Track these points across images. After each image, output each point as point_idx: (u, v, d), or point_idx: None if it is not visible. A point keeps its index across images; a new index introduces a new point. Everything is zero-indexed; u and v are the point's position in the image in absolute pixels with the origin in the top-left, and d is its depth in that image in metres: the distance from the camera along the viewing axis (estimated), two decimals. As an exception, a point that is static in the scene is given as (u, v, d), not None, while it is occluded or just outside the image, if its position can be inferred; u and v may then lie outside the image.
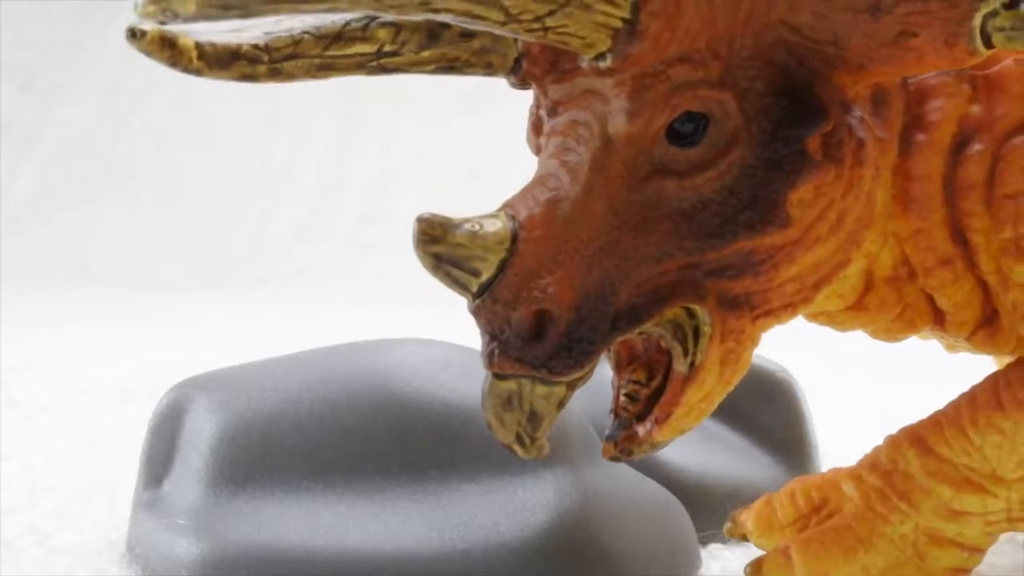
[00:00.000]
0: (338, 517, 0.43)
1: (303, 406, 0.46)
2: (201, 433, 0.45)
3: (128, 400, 0.83)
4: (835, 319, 0.40)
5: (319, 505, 0.44)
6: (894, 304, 0.39)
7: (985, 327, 0.39)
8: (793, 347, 0.54)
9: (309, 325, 1.24)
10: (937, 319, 0.39)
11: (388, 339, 0.50)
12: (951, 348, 0.42)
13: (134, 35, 0.32)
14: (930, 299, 0.39)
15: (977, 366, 0.50)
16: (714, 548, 0.50)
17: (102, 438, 0.73)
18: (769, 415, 0.53)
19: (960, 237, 0.37)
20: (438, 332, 0.54)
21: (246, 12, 0.29)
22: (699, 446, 0.52)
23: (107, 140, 1.97)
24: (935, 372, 0.54)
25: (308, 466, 0.45)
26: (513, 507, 0.44)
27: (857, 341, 0.46)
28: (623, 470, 0.49)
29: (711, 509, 0.50)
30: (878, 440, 0.41)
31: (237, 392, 0.46)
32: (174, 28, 0.30)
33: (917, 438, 0.39)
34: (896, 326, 0.40)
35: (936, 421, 0.39)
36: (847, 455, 0.57)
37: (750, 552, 0.50)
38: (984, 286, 0.38)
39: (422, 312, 1.33)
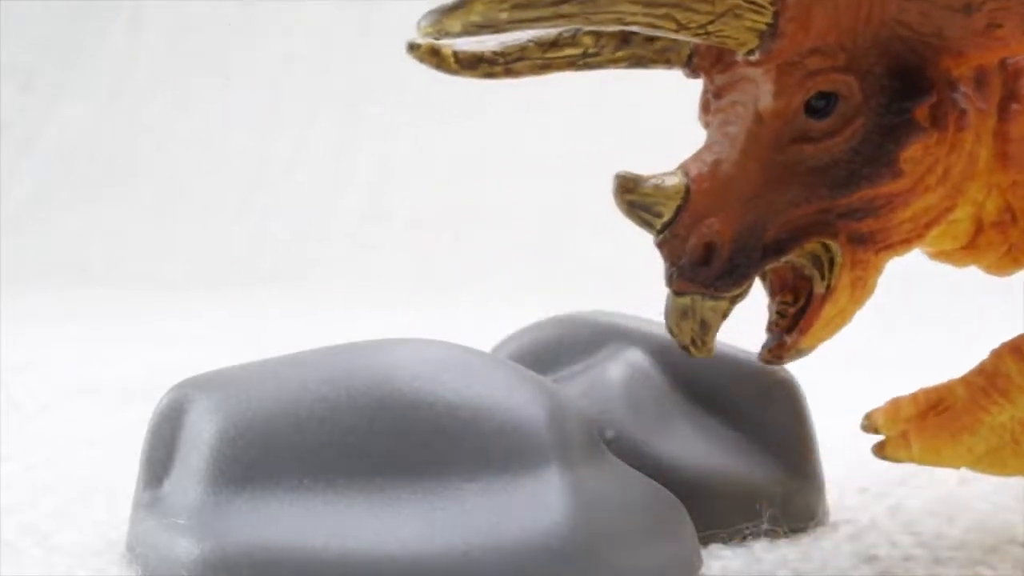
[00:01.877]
0: (338, 517, 0.43)
1: (303, 406, 0.46)
2: (201, 433, 0.45)
3: (128, 400, 0.83)
4: (952, 257, 0.49)
5: (319, 505, 0.44)
6: (1000, 244, 0.47)
7: None
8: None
9: (309, 325, 1.24)
10: None
11: (388, 339, 0.50)
12: None
13: (412, 48, 0.43)
14: None
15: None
16: (714, 548, 0.50)
17: (102, 438, 0.73)
18: (770, 415, 0.52)
19: None
20: (438, 332, 0.54)
21: (496, 30, 0.39)
22: (700, 446, 0.52)
23: (107, 140, 1.97)
24: (934, 372, 0.55)
25: (308, 466, 0.45)
26: (513, 507, 0.44)
27: (857, 342, 0.47)
28: (623, 470, 0.49)
29: (711, 509, 0.50)
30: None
31: (237, 392, 0.46)
32: (440, 42, 0.41)
33: (1015, 348, 0.47)
34: (1004, 262, 0.48)
35: None
36: (848, 455, 0.57)
37: (751, 552, 0.50)
38: None
39: (422, 312, 1.33)
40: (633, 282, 0.56)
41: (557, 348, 0.55)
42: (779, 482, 0.51)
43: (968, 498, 0.56)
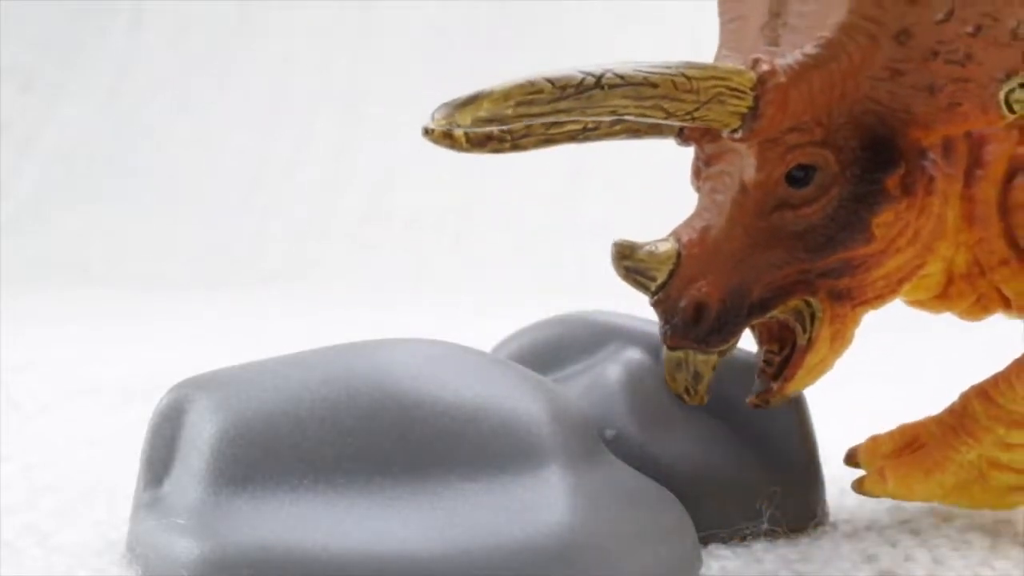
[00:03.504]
0: (338, 517, 0.43)
1: (303, 406, 0.46)
2: (201, 433, 0.45)
3: (128, 400, 0.83)
4: (927, 305, 0.53)
5: (319, 505, 0.44)
6: (970, 294, 0.51)
7: None
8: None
9: (309, 325, 1.24)
10: (1005, 304, 0.52)
11: (388, 339, 0.50)
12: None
13: (427, 132, 0.45)
14: (998, 290, 0.51)
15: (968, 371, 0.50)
16: (714, 548, 0.50)
17: (102, 438, 0.73)
18: (769, 415, 0.52)
19: (1014, 243, 0.50)
20: (438, 332, 0.54)
21: (501, 123, 0.43)
22: (700, 446, 0.52)
23: (107, 140, 1.97)
24: (931, 376, 0.55)
25: (308, 466, 0.45)
26: (513, 507, 0.44)
27: (855, 348, 0.48)
28: (624, 470, 0.49)
29: (711, 509, 0.50)
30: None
31: (237, 392, 0.46)
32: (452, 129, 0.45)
33: (982, 391, 0.51)
34: (974, 309, 0.52)
35: (995, 378, 0.51)
36: (844, 452, 0.57)
37: (751, 552, 0.50)
38: None
39: (422, 312, 1.33)
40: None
41: (557, 348, 0.55)
42: (779, 482, 0.51)
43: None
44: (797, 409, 0.53)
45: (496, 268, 1.61)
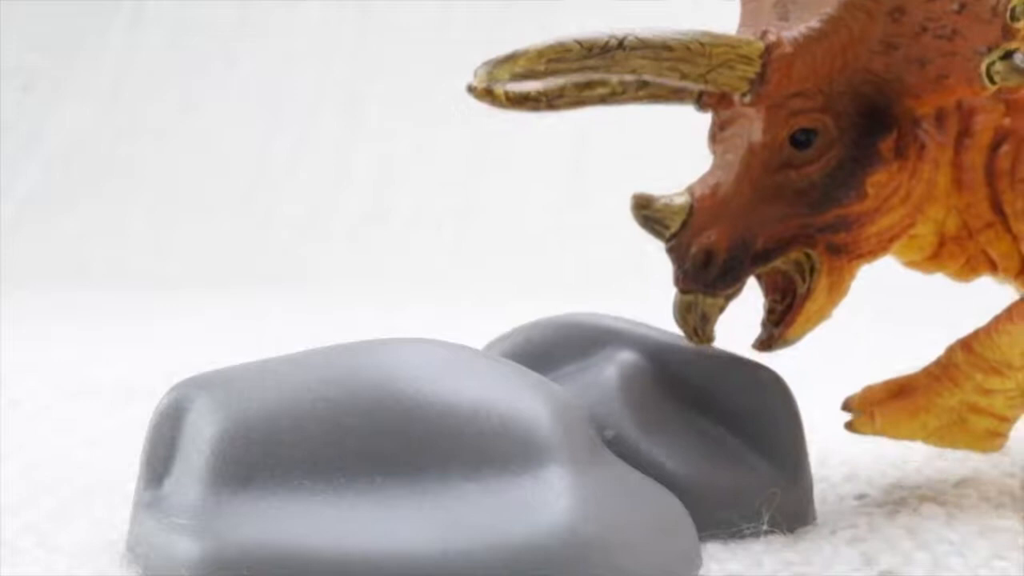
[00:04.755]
0: (339, 517, 0.43)
1: (303, 406, 0.46)
2: (202, 433, 0.45)
3: (128, 400, 0.83)
4: (920, 265, 0.57)
5: (320, 505, 0.44)
6: (960, 255, 0.56)
7: None
8: (792, 350, 0.55)
9: (309, 325, 1.24)
10: (992, 266, 0.56)
11: (388, 339, 0.50)
12: (1008, 285, 0.58)
13: (470, 89, 0.50)
14: (985, 252, 0.55)
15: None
16: (713, 549, 0.50)
17: (102, 438, 0.73)
18: (762, 417, 0.53)
19: (998, 208, 0.54)
20: (438, 332, 0.54)
21: (536, 78, 0.48)
22: (694, 448, 0.52)
23: (107, 140, 1.97)
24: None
25: (309, 466, 0.45)
26: (514, 507, 0.44)
27: (853, 345, 0.48)
28: (624, 470, 0.49)
29: (703, 512, 0.50)
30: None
31: (237, 392, 0.46)
32: (492, 85, 0.50)
33: (965, 343, 0.54)
34: (964, 271, 0.57)
35: (976, 331, 0.54)
36: (847, 462, 0.57)
37: (750, 553, 0.50)
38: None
39: (422, 312, 1.33)
40: (634, 281, 0.56)
41: (550, 350, 0.55)
42: (771, 484, 0.51)
43: (968, 501, 0.56)
44: (789, 411, 0.53)
45: (496, 268, 1.61)
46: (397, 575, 0.42)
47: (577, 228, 1.64)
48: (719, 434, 0.53)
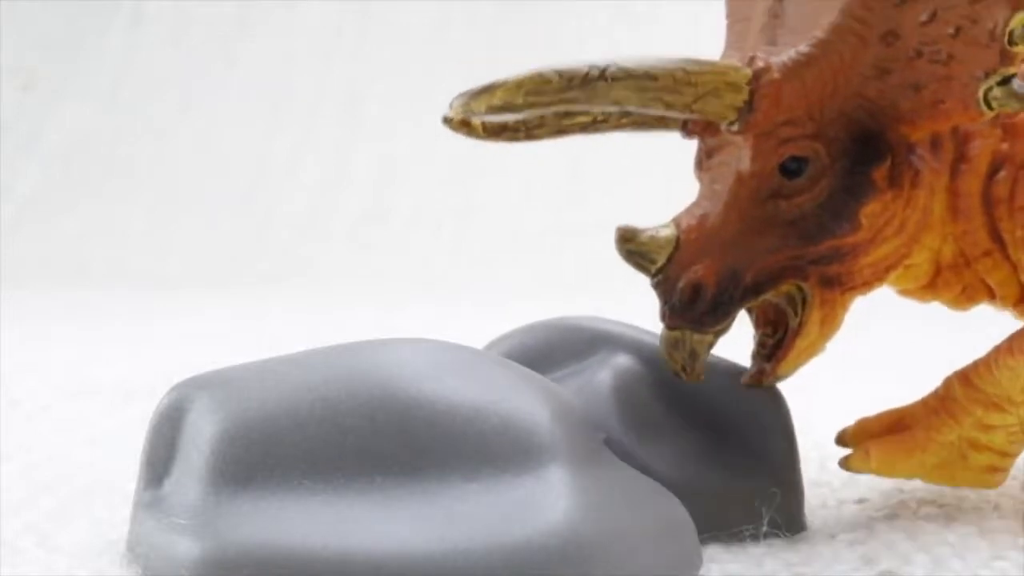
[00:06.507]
0: (338, 517, 0.43)
1: (303, 406, 0.46)
2: (201, 433, 0.45)
3: (128, 400, 0.83)
4: (915, 294, 0.55)
5: (320, 505, 0.44)
6: (956, 283, 0.54)
7: None
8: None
9: (309, 325, 1.24)
10: (990, 294, 0.54)
11: (388, 339, 0.50)
12: (1008, 313, 0.56)
13: (446, 120, 0.49)
14: (983, 280, 0.53)
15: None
16: (714, 550, 0.50)
17: (102, 438, 0.73)
18: (755, 422, 0.53)
19: (996, 236, 0.52)
20: (438, 332, 0.54)
21: (514, 111, 0.46)
22: (687, 452, 0.51)
23: (107, 140, 1.97)
24: (924, 379, 0.55)
25: (308, 466, 0.45)
26: (514, 507, 0.44)
27: (852, 349, 0.48)
28: (624, 470, 0.49)
29: (704, 512, 0.50)
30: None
31: (237, 392, 0.46)
32: (469, 117, 0.48)
33: (963, 376, 0.53)
34: (960, 299, 0.55)
35: (975, 363, 0.53)
36: (840, 454, 0.57)
37: (749, 555, 0.50)
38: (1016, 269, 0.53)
39: (422, 312, 1.33)
40: (634, 282, 0.56)
41: (546, 352, 0.55)
42: (763, 489, 0.51)
43: (967, 503, 0.56)
44: (781, 416, 0.53)
45: (495, 268, 1.61)
46: (397, 575, 0.42)
47: (577, 228, 1.64)
48: (711, 439, 0.52)
